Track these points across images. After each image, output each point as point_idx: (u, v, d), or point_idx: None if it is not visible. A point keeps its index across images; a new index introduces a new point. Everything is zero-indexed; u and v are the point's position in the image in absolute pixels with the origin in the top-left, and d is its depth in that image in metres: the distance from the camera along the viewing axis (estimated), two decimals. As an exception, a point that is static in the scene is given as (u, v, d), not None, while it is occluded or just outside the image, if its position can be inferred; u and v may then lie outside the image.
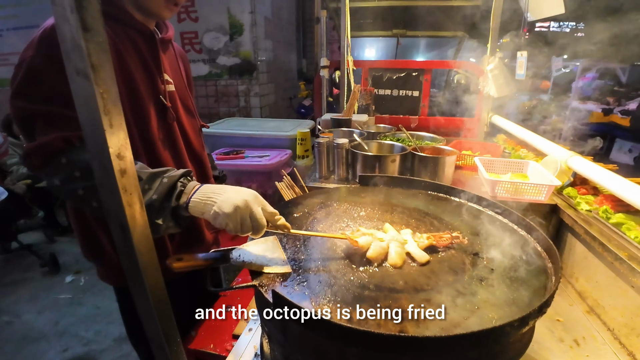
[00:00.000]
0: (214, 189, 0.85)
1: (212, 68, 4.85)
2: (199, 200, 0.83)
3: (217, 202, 0.81)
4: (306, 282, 0.79)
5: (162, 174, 0.85)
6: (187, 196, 0.84)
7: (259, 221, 0.83)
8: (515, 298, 0.73)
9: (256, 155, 2.34)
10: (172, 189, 0.84)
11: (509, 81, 2.80)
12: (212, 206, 0.81)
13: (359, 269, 0.85)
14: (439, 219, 1.12)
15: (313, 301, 0.73)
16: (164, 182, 0.84)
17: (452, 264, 0.87)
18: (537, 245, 0.95)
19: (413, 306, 0.71)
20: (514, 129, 2.56)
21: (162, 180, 0.84)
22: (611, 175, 1.42)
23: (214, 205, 0.81)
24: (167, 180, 0.84)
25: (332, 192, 1.31)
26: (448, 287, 0.77)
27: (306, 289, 0.77)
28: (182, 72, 1.28)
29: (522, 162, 1.93)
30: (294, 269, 0.84)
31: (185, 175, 0.88)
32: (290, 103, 5.90)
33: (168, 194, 0.83)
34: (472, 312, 0.69)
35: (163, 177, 0.85)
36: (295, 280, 0.80)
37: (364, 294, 0.75)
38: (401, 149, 1.82)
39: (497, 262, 0.88)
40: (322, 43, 3.25)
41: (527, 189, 1.61)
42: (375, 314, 0.68)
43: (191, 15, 4.65)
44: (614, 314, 1.13)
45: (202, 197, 0.83)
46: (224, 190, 0.84)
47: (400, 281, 0.80)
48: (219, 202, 0.81)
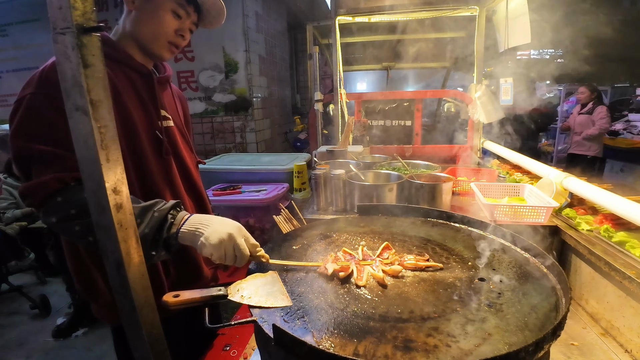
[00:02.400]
0: (201, 220, 0.89)
1: (208, 105, 4.96)
2: (187, 231, 0.88)
3: (204, 233, 0.86)
4: (307, 315, 0.76)
5: (152, 208, 0.88)
6: (176, 227, 0.88)
7: (242, 252, 0.88)
8: (527, 322, 0.70)
9: (253, 190, 2.34)
10: (163, 221, 0.87)
11: (497, 107, 2.89)
12: (200, 237, 0.86)
13: (363, 299, 0.82)
14: (441, 245, 1.10)
15: (315, 335, 0.69)
16: (155, 215, 0.87)
17: (458, 291, 0.84)
18: (542, 267, 0.93)
19: (421, 336, 0.68)
20: (507, 154, 2.61)
21: (153, 214, 0.87)
22: (607, 194, 1.43)
23: (201, 236, 0.86)
24: (157, 214, 0.87)
25: (331, 223, 1.29)
26: (456, 315, 0.75)
27: (308, 322, 0.73)
28: (180, 110, 1.31)
29: (518, 186, 1.94)
30: (295, 302, 0.81)
31: (175, 207, 0.92)
32: (286, 137, 5.99)
33: (159, 227, 0.86)
34: (484, 340, 0.66)
35: (154, 210, 0.88)
36: (296, 314, 0.77)
37: (369, 325, 0.72)
38: (397, 177, 1.83)
39: (504, 286, 0.85)
40: (315, 78, 3.36)
41: (526, 211, 1.61)
42: (382, 346, 0.65)
43: (187, 55, 4.82)
44: (630, 335, 1.09)
45: (191, 227, 0.88)
46: (210, 222, 0.89)
47: (406, 310, 0.77)
48: (206, 233, 0.86)
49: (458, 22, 3.39)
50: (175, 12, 1.07)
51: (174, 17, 1.07)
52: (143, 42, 1.09)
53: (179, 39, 1.12)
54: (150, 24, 1.06)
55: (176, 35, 1.10)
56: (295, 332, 0.70)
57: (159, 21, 1.06)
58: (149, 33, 1.08)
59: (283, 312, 0.77)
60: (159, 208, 0.88)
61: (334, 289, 0.87)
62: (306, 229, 1.24)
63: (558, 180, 1.75)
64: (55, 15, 0.44)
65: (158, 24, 1.06)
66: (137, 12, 1.07)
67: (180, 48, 1.16)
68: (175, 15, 1.07)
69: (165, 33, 1.08)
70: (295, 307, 0.79)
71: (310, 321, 0.74)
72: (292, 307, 0.79)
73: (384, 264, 0.96)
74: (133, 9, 1.06)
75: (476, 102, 2.90)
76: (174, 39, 1.10)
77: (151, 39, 1.08)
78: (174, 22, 1.08)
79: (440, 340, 0.66)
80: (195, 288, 0.82)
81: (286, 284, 0.89)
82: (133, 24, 1.08)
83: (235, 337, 1.37)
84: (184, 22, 1.10)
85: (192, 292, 0.80)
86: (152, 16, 1.06)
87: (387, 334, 0.69)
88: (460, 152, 3.09)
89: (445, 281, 0.89)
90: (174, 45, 1.12)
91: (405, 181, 1.74)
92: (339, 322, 0.73)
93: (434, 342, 0.66)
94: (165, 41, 1.09)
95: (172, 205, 0.91)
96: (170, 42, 1.10)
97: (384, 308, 0.78)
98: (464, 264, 0.97)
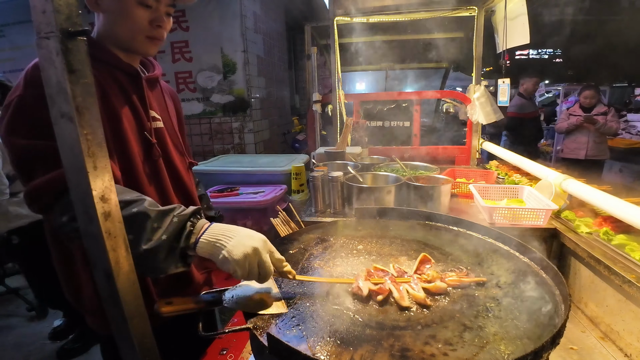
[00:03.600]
0: (223, 231, 0.81)
1: (206, 106, 4.94)
2: (207, 242, 0.79)
3: (226, 247, 0.77)
4: (303, 322, 0.75)
5: (171, 212, 0.80)
6: (195, 236, 0.79)
7: (267, 269, 0.79)
8: (525, 330, 0.69)
9: (251, 192, 2.32)
10: (182, 228, 0.79)
11: (496, 108, 2.88)
12: (222, 249, 0.77)
13: (359, 306, 0.81)
14: (439, 249, 1.09)
15: (311, 343, 0.68)
16: (174, 221, 0.79)
17: (456, 297, 0.83)
18: (541, 271, 0.92)
19: (418, 344, 0.66)
20: (505, 155, 2.60)
21: (172, 220, 0.79)
22: (606, 196, 1.42)
23: (223, 249, 0.77)
24: (177, 219, 0.79)
25: (328, 227, 1.28)
26: (453, 322, 0.73)
27: (303, 330, 0.72)
28: (171, 109, 1.28)
29: (517, 188, 1.93)
30: (290, 308, 0.80)
31: (195, 213, 0.83)
32: (284, 138, 5.98)
33: (178, 234, 0.78)
34: (481, 348, 0.65)
35: (173, 215, 0.80)
36: (292, 321, 0.76)
37: (366, 333, 0.70)
38: (395, 179, 1.81)
39: (503, 292, 0.84)
40: (313, 78, 3.35)
41: (525, 214, 1.59)
42: (379, 355, 0.64)
43: (185, 56, 4.81)
44: (630, 339, 1.08)
45: (211, 238, 0.79)
46: (234, 233, 0.80)
47: (402, 317, 0.76)
48: (228, 246, 0.77)
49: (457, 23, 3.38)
50: (142, 3, 0.98)
51: (143, 9, 0.99)
52: (121, 42, 1.03)
53: (157, 31, 1.03)
54: (121, 23, 0.99)
55: (152, 27, 1.01)
56: (290, 340, 0.69)
57: (128, 18, 0.98)
58: (123, 33, 1.01)
59: (279, 319, 0.76)
60: (178, 213, 0.81)
61: (331, 294, 0.85)
62: (303, 232, 1.23)
63: (557, 182, 1.74)
64: (39, 19, 0.43)
65: (129, 21, 0.99)
66: (105, 15, 1.00)
67: (163, 39, 1.08)
68: (143, 6, 0.98)
69: (139, 29, 1.00)
70: (291, 314, 0.78)
71: (306, 329, 0.73)
72: (287, 313, 0.78)
73: (422, 280, 0.87)
74: (100, 11, 1.00)
75: (475, 103, 2.89)
76: (151, 32, 1.02)
77: (128, 38, 1.02)
78: (145, 14, 0.99)
79: (437, 348, 0.65)
80: (186, 293, 0.80)
81: (281, 288, 0.88)
82: (105, 27, 1.02)
83: (233, 341, 1.35)
84: (156, 10, 1.01)
85: (186, 300, 0.79)
86: (120, 15, 0.98)
87: (384, 342, 0.67)
88: (459, 154, 3.08)
89: (442, 287, 0.87)
90: (154, 38, 1.04)
91: (404, 183, 1.73)
92: (335, 329, 0.72)
93: (431, 351, 0.64)
94: (143, 37, 1.02)
95: (193, 212, 0.82)
96: (149, 36, 1.03)
97: (381, 315, 0.77)
98: (462, 268, 0.96)
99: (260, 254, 0.78)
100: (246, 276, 0.77)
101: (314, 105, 3.42)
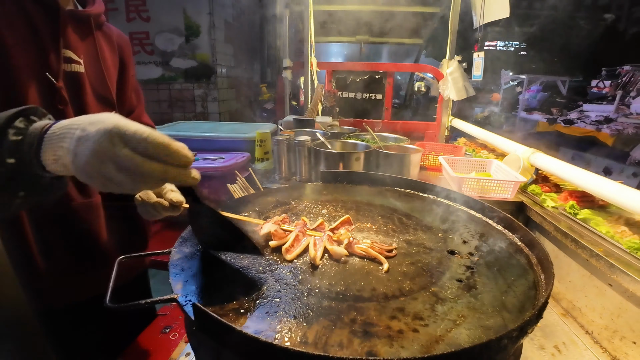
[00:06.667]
0: (71, 123, 0.54)
1: (165, 71, 4.53)
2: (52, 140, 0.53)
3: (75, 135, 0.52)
4: (246, 291, 0.62)
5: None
6: (34, 138, 0.54)
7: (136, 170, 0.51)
8: (504, 302, 0.61)
9: (209, 158, 2.12)
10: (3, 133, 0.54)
11: (468, 85, 2.84)
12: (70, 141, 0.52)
13: (317, 274, 0.69)
14: (408, 215, 1.00)
15: (250, 315, 0.56)
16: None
17: (426, 265, 0.74)
18: (516, 240, 0.85)
19: (384, 319, 0.56)
20: (475, 131, 2.57)
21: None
22: (577, 169, 1.39)
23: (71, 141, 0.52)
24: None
25: (290, 190, 1.15)
26: (424, 292, 0.64)
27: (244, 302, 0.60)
28: (110, 57, 1.07)
29: (485, 161, 1.89)
30: (236, 277, 0.67)
31: (29, 113, 0.57)
32: (250, 106, 5.64)
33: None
34: (456, 323, 0.55)
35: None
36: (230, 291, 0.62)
37: (323, 305, 0.59)
38: (365, 147, 1.70)
39: (476, 261, 0.76)
40: (285, 43, 3.12)
41: (493, 186, 1.55)
42: (337, 331, 0.52)
43: (142, 15, 4.33)
44: (592, 315, 1.05)
45: (60, 132, 0.54)
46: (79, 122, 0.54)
47: (367, 287, 0.65)
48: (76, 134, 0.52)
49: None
50: None
51: None
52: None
53: None
54: None
55: None
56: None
57: None
58: None
59: (215, 288, 0.62)
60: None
61: (283, 262, 0.73)
62: (261, 195, 1.09)
63: (525, 156, 1.71)
64: None
65: None
66: None
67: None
68: None
69: None
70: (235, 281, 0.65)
71: (248, 299, 0.60)
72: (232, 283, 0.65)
73: (331, 240, 0.79)
74: None
75: (447, 78, 2.82)
76: None
77: None
78: None
79: (406, 324, 0.55)
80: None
81: (226, 257, 0.74)
82: None
83: (178, 318, 1.21)
84: None
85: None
86: None
87: (344, 316, 0.56)
88: (428, 130, 3.03)
89: (411, 253, 0.78)
90: None
91: (373, 150, 1.63)
92: (286, 300, 0.60)
93: (399, 327, 0.54)
94: None
95: (22, 110, 0.56)
96: None
97: (342, 285, 0.65)
98: (432, 235, 0.87)
99: (111, 151, 0.50)
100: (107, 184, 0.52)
101: (284, 72, 3.20)
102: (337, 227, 0.85)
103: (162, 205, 0.85)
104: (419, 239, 0.85)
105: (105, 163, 0.50)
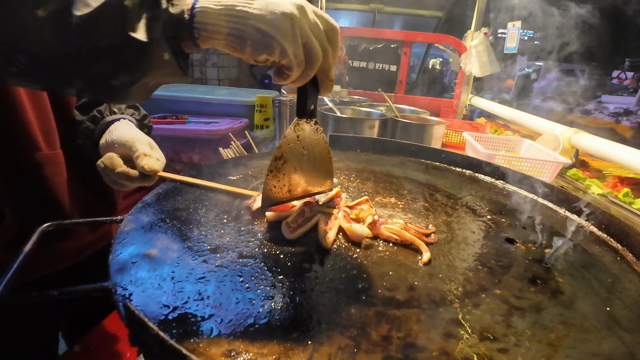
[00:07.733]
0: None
1: (163, 31, 4.24)
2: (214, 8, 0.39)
3: (251, 11, 0.40)
4: (219, 286, 0.41)
5: None
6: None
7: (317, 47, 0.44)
8: (611, 313, 0.40)
9: (202, 122, 1.89)
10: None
11: (493, 60, 2.57)
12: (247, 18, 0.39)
13: (327, 261, 0.48)
14: (440, 191, 0.78)
15: (224, 335, 0.35)
16: None
17: (480, 256, 0.53)
18: (589, 225, 0.64)
19: (435, 337, 0.35)
20: (499, 110, 2.33)
21: None
22: (631, 150, 1.17)
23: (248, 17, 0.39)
24: None
25: (291, 154, 0.93)
26: (488, 296, 0.43)
27: (208, 303, 0.39)
28: None
29: (515, 140, 1.66)
30: (211, 261, 0.46)
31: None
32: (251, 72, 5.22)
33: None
34: (553, 346, 0.35)
35: None
36: (198, 281, 0.42)
37: (337, 311, 0.38)
38: (380, 114, 1.47)
39: (549, 253, 0.55)
40: None
41: (529, 166, 1.33)
42: (362, 357, 0.32)
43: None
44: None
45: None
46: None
47: (401, 285, 0.44)
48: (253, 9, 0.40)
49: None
50: None
51: None
52: None
53: None
54: None
55: None
56: (159, 314, 0.35)
57: None
58: None
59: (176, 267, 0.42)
60: None
61: (281, 243, 0.52)
62: (255, 157, 0.87)
63: (565, 136, 1.49)
64: None
65: None
66: None
67: None
68: None
69: None
70: (202, 266, 0.44)
71: (216, 299, 0.39)
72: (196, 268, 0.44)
73: (348, 218, 0.57)
74: None
75: (471, 52, 2.55)
76: None
77: None
78: None
79: (471, 346, 0.34)
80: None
81: (202, 230, 0.53)
82: None
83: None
84: None
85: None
86: None
87: (371, 329, 0.36)
88: (445, 107, 2.78)
89: (455, 239, 0.57)
90: None
91: (390, 119, 1.40)
92: (281, 302, 0.39)
93: (463, 351, 0.33)
94: None
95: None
96: None
97: (364, 280, 0.45)
98: (476, 218, 0.66)
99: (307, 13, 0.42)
100: (301, 60, 0.42)
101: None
102: (355, 206, 0.62)
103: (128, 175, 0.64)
104: (462, 221, 0.64)
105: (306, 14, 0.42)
